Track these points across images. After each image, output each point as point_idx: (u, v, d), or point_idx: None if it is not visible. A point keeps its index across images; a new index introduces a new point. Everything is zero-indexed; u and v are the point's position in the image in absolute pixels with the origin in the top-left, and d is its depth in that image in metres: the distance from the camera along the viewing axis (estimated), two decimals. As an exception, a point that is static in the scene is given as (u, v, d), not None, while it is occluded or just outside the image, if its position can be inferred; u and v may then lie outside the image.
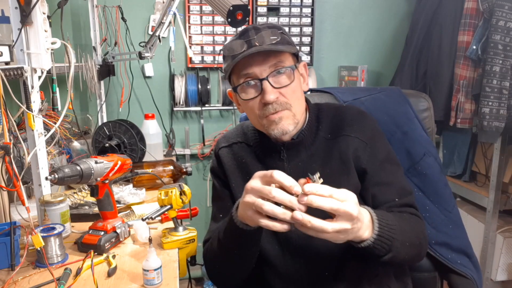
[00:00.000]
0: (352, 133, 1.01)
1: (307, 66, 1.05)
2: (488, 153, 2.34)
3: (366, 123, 1.04)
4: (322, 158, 1.01)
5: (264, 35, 0.93)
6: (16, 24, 1.09)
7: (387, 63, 2.69)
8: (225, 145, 1.12)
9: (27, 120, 1.14)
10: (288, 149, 1.02)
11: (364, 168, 1.00)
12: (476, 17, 2.14)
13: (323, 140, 1.02)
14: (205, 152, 2.53)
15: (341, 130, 1.02)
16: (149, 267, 0.96)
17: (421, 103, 1.31)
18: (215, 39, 2.42)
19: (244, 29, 0.97)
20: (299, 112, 0.99)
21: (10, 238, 1.02)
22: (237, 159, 1.08)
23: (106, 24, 2.24)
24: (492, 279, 2.34)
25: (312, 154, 1.02)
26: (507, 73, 1.98)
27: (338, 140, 1.01)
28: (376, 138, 1.03)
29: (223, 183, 1.11)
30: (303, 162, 1.01)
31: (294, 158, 1.02)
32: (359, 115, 1.05)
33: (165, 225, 1.32)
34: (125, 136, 1.77)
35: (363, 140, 1.01)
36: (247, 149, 1.08)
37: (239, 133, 1.13)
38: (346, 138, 1.01)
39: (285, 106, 0.95)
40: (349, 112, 1.06)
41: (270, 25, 0.97)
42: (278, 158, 1.03)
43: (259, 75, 0.94)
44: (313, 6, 2.46)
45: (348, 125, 1.02)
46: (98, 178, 1.11)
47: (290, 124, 0.96)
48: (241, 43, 0.94)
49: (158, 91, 2.46)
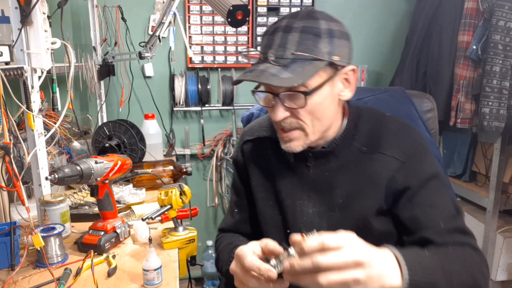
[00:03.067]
0: (389, 151, 0.91)
1: (356, 71, 0.90)
2: (488, 153, 2.34)
3: (407, 139, 0.92)
4: (352, 172, 0.93)
5: (288, 45, 0.81)
6: (16, 24, 1.09)
7: (387, 63, 2.69)
8: (250, 139, 1.07)
9: (27, 120, 1.14)
10: (316, 157, 0.95)
11: (400, 189, 0.89)
12: (476, 17, 2.13)
13: (357, 152, 0.93)
14: (205, 152, 2.53)
15: (378, 146, 0.92)
16: (149, 267, 0.96)
17: (425, 103, 1.30)
18: (215, 39, 2.42)
19: (277, 26, 0.86)
20: (319, 130, 0.89)
21: (10, 238, 1.02)
22: (262, 156, 1.03)
23: (106, 24, 2.24)
24: (492, 279, 2.34)
25: (341, 165, 0.93)
26: (507, 73, 1.97)
27: (373, 157, 0.92)
28: (418, 155, 0.92)
29: (242, 178, 1.08)
30: (331, 172, 0.94)
31: (321, 165, 0.95)
32: (400, 129, 0.94)
33: (165, 225, 1.32)
34: (125, 136, 1.77)
35: (400, 159, 0.90)
36: (273, 146, 1.00)
37: (266, 126, 1.05)
38: (382, 157, 0.91)
39: (295, 126, 0.87)
40: (390, 126, 0.95)
41: (306, 27, 0.82)
42: (304, 164, 0.96)
43: (274, 90, 0.85)
44: (313, 6, 2.46)
45: (386, 142, 0.92)
46: (98, 178, 1.11)
47: (299, 145, 0.89)
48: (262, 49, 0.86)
49: (158, 91, 2.46)
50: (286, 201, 0.98)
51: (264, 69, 0.82)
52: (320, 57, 0.82)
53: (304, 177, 0.96)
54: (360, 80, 2.40)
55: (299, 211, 0.97)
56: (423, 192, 0.89)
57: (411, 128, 0.96)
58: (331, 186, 0.94)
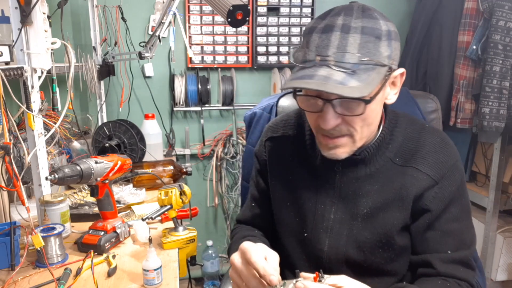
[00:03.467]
0: (424, 168, 0.86)
1: (404, 74, 0.85)
2: (488, 153, 2.34)
3: (445, 158, 0.87)
4: (381, 183, 0.88)
5: (349, 48, 0.73)
6: (16, 24, 1.09)
7: (387, 63, 2.69)
8: (274, 136, 1.02)
9: (27, 120, 1.14)
10: (346, 164, 0.89)
11: (426, 208, 0.86)
12: (476, 17, 2.13)
13: (389, 163, 0.88)
14: (205, 152, 2.53)
15: (413, 160, 0.87)
16: (149, 267, 0.96)
17: (428, 104, 1.29)
18: (215, 39, 2.42)
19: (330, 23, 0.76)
20: (366, 136, 0.84)
21: (10, 238, 1.02)
22: (285, 155, 0.99)
23: (106, 24, 2.24)
24: (492, 279, 2.34)
25: (371, 174, 0.88)
26: (507, 73, 1.97)
27: (405, 170, 0.87)
28: (452, 177, 0.87)
29: (262, 174, 1.05)
30: (358, 181, 0.89)
31: (349, 172, 0.90)
32: (440, 146, 0.88)
33: (165, 225, 1.32)
34: (125, 136, 1.77)
35: (433, 178, 0.86)
36: (298, 146, 0.96)
37: (293, 124, 1.00)
38: (415, 173, 0.86)
39: (345, 133, 0.81)
40: (430, 140, 0.89)
41: (367, 28, 0.75)
42: (331, 168, 0.90)
43: (325, 95, 0.77)
44: (313, 6, 2.46)
45: (422, 157, 0.87)
46: (98, 178, 1.11)
47: (345, 152, 0.84)
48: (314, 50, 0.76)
49: (158, 91, 2.46)
50: (307, 204, 0.94)
51: (327, 76, 0.73)
52: (382, 61, 0.76)
53: (329, 182, 0.92)
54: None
55: (320, 216, 0.93)
56: (443, 216, 0.86)
57: (451, 146, 0.90)
58: (357, 194, 0.89)
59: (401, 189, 0.86)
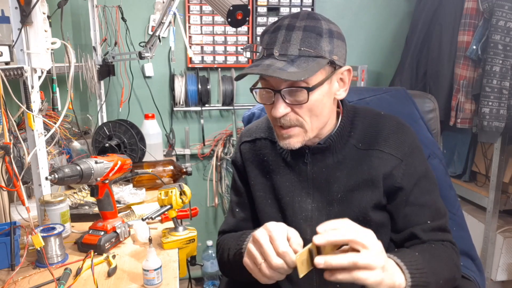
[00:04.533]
0: (386, 149, 0.94)
1: (351, 71, 0.94)
2: (488, 153, 2.34)
3: (404, 138, 0.96)
4: (349, 168, 0.96)
5: (292, 42, 0.84)
6: (16, 24, 1.09)
7: (387, 63, 2.69)
8: (248, 140, 1.10)
9: (27, 120, 1.14)
10: (313, 153, 0.97)
11: (398, 186, 0.94)
12: (476, 17, 2.13)
13: (353, 149, 0.96)
14: (205, 152, 2.53)
15: (375, 143, 0.95)
16: (149, 267, 0.96)
17: (426, 104, 1.30)
18: (215, 39, 2.42)
19: (278, 24, 0.88)
20: (317, 127, 0.92)
21: (10, 238, 1.02)
22: (259, 156, 1.06)
23: (106, 24, 2.24)
24: (492, 279, 2.33)
25: (338, 161, 0.97)
26: (507, 73, 1.97)
27: (370, 153, 0.95)
28: (413, 154, 0.96)
29: (242, 178, 1.11)
30: (328, 168, 0.97)
31: (318, 162, 0.98)
32: (397, 128, 0.98)
33: (165, 225, 1.32)
34: (125, 136, 1.77)
35: (398, 157, 0.94)
36: (270, 147, 1.05)
37: (264, 128, 1.09)
38: (379, 154, 0.94)
39: (295, 123, 0.89)
40: (387, 124, 0.98)
41: (308, 26, 0.86)
42: (302, 161, 0.99)
43: (275, 86, 0.88)
44: (313, 6, 2.46)
45: (384, 139, 0.95)
46: (98, 178, 1.11)
47: (298, 142, 0.91)
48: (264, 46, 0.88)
49: (158, 91, 2.46)
50: (285, 198, 1.01)
51: (270, 64, 0.84)
52: (322, 54, 0.85)
53: (302, 174, 1.00)
54: (360, 80, 2.40)
55: (298, 208, 1.00)
56: (415, 191, 0.95)
57: (407, 127, 1.00)
58: (329, 182, 0.97)
59: (369, 170, 0.94)
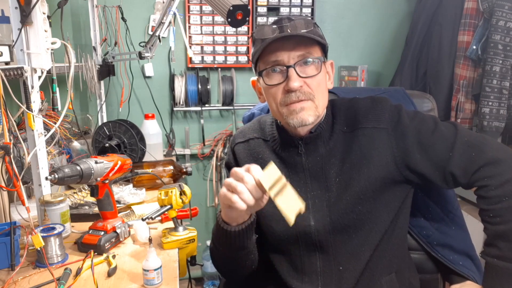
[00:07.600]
0: (369, 124, 0.99)
1: (333, 65, 1.05)
2: (488, 153, 2.33)
3: (381, 108, 1.00)
4: (341, 153, 1.00)
5: (297, 25, 0.93)
6: (16, 24, 1.09)
7: (387, 63, 2.69)
8: (242, 141, 1.12)
9: (27, 120, 1.14)
10: (306, 143, 1.01)
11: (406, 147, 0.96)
12: (476, 17, 2.13)
13: (341, 134, 1.01)
14: (205, 152, 2.53)
15: (357, 122, 1.00)
16: (149, 267, 0.96)
17: (425, 103, 1.30)
18: (215, 39, 2.42)
19: (278, 18, 0.98)
20: (321, 105, 0.97)
21: (10, 238, 1.02)
22: (254, 155, 1.08)
23: (106, 24, 2.24)
24: (492, 279, 2.33)
25: (330, 149, 1.00)
26: (507, 73, 1.97)
27: (356, 133, 0.99)
28: (396, 116, 0.99)
29: None
30: (322, 157, 1.00)
31: (312, 152, 1.01)
32: (371, 103, 1.02)
33: (165, 225, 1.32)
34: (125, 136, 1.77)
35: (382, 127, 0.98)
36: (263, 145, 1.08)
37: (256, 128, 1.12)
38: (364, 131, 0.99)
39: (308, 96, 0.94)
40: (362, 103, 1.03)
41: (304, 18, 0.96)
42: (296, 153, 1.02)
43: (286, 62, 0.93)
44: (313, 6, 2.46)
45: (363, 117, 1.00)
46: (98, 178, 1.11)
47: (311, 115, 0.95)
48: (273, 29, 0.93)
49: (158, 91, 2.46)
50: None
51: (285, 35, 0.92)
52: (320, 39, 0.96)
53: (298, 166, 1.02)
54: (360, 80, 2.40)
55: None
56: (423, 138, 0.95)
57: (381, 98, 1.03)
58: (324, 169, 1.00)
59: (360, 149, 0.98)
